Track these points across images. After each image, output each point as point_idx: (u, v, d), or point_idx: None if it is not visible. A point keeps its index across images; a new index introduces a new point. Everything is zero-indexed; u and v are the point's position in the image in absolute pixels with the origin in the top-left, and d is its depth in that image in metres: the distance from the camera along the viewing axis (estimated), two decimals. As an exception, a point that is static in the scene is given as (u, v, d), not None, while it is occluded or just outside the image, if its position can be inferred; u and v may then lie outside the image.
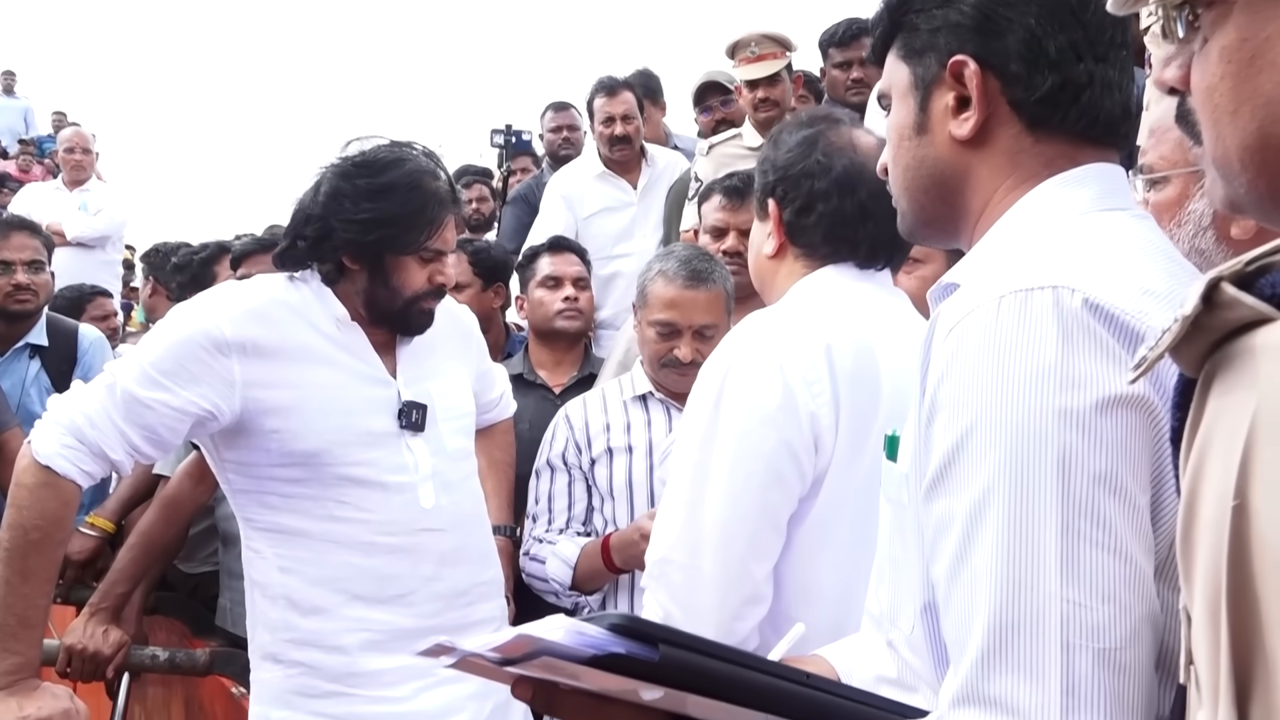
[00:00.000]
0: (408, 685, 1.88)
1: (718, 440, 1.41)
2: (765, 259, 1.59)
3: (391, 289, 1.92)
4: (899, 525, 1.02)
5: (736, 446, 1.40)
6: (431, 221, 1.90)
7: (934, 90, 1.04)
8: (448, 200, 1.94)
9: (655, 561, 1.44)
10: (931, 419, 0.89)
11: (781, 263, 1.57)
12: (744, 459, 1.40)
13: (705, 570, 1.40)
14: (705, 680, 0.83)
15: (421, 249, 1.91)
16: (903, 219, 1.12)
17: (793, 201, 1.54)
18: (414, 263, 1.92)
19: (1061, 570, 0.80)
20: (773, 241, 1.57)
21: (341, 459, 1.85)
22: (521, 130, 5.36)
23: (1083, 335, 0.84)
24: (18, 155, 12.67)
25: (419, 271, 1.93)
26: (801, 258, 1.56)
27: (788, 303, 1.53)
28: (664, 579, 1.43)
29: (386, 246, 1.90)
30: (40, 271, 3.33)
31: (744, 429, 1.41)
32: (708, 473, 1.41)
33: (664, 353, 2.35)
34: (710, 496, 1.40)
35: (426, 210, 1.90)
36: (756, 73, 3.80)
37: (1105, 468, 0.81)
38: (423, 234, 1.90)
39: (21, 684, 1.76)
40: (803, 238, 1.55)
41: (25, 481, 1.76)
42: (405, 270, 1.92)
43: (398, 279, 1.92)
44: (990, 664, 0.81)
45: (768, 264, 1.59)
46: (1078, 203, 0.98)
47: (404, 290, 1.92)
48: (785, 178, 1.55)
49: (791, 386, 1.41)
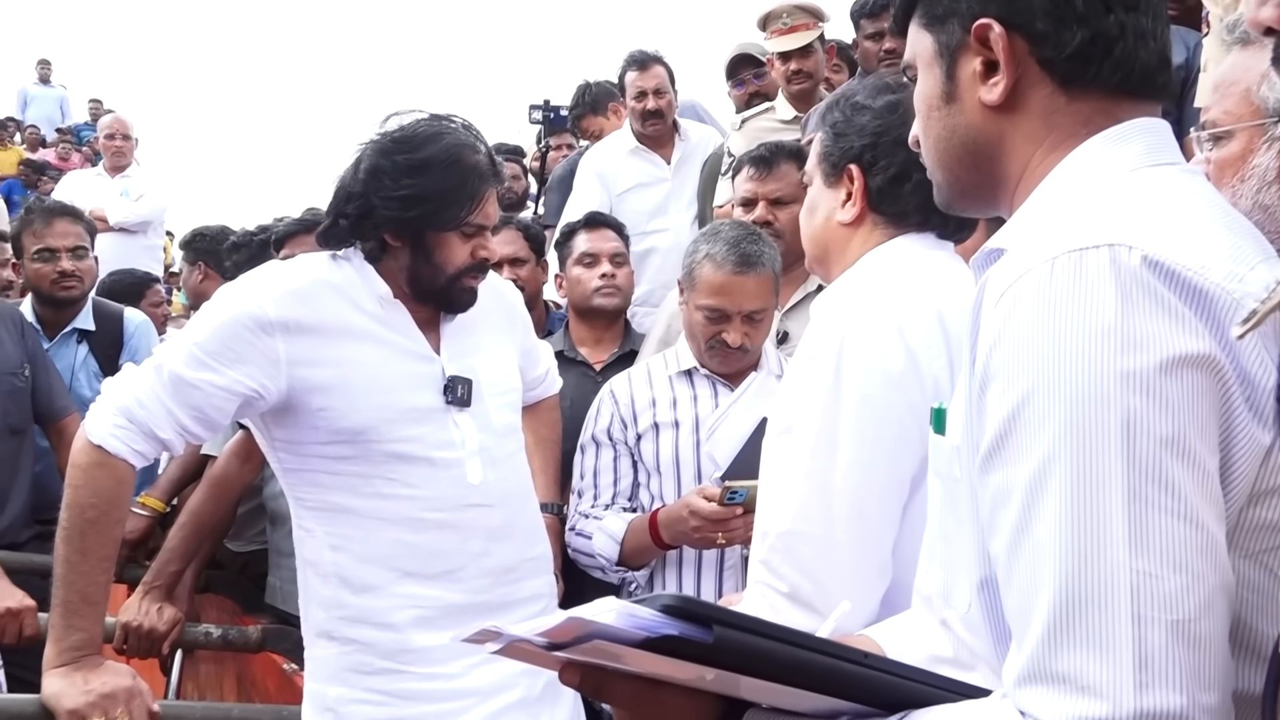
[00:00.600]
0: (459, 662, 1.89)
1: (842, 406, 1.36)
2: (838, 226, 1.53)
3: (434, 265, 1.92)
4: (950, 500, 0.99)
5: (863, 412, 1.36)
6: (472, 196, 1.89)
7: (959, 57, 1.01)
8: (488, 174, 1.93)
9: (780, 535, 1.38)
10: (984, 389, 0.86)
11: (857, 230, 1.52)
12: (871, 424, 1.36)
13: (841, 541, 1.35)
14: (761, 662, 0.81)
15: (463, 224, 1.91)
16: (939, 191, 1.09)
17: (886, 169, 1.49)
18: (456, 238, 1.91)
19: (1130, 539, 0.77)
20: (853, 209, 1.51)
21: (388, 436, 1.86)
22: (560, 106, 5.31)
23: (1142, 294, 0.80)
24: (57, 144, 12.83)
25: (461, 247, 1.92)
26: (882, 226, 1.51)
27: (885, 270, 1.47)
28: (790, 553, 1.37)
29: (428, 223, 1.89)
30: (84, 258, 3.36)
31: (869, 393, 1.36)
32: (834, 440, 1.36)
33: (712, 335, 2.33)
34: (840, 464, 1.35)
35: (467, 185, 1.89)
36: (789, 44, 3.76)
37: (1172, 431, 0.78)
38: (464, 209, 1.89)
39: (85, 660, 1.79)
40: (893, 206, 1.50)
41: (80, 462, 1.79)
42: (447, 246, 1.91)
43: (440, 255, 1.91)
44: (1058, 639, 0.78)
45: (840, 231, 1.54)
46: (1125, 159, 0.94)
47: (447, 266, 1.92)
48: (877, 144, 1.50)
49: (914, 349, 1.37)
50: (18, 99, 14.29)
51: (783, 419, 1.44)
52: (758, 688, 0.85)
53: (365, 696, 1.88)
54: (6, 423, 2.80)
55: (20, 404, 2.86)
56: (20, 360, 2.87)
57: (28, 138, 13.03)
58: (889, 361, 1.36)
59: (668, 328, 2.98)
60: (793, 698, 0.86)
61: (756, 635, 0.80)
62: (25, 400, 2.88)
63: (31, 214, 3.47)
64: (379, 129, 1.93)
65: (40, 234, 3.31)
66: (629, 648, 0.79)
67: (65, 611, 1.78)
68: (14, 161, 11.92)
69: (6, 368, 2.82)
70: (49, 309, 3.36)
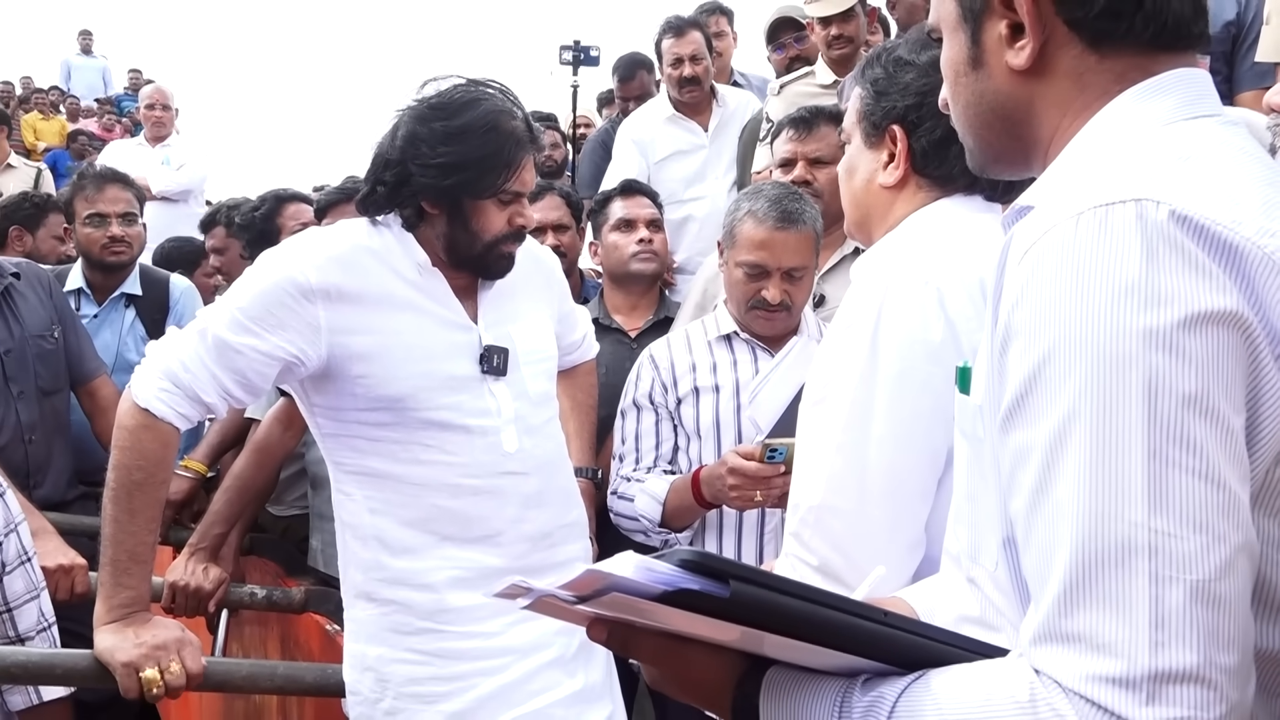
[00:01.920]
0: (497, 620, 1.91)
1: (878, 378, 1.33)
2: (880, 189, 1.49)
3: (471, 233, 1.92)
4: (976, 460, 0.98)
5: (900, 384, 1.33)
6: (509, 163, 1.89)
7: (984, 21, 0.98)
8: (525, 140, 1.92)
9: (811, 508, 1.36)
10: (1006, 346, 0.85)
11: (900, 192, 1.48)
12: (908, 397, 1.32)
13: (873, 516, 1.33)
14: (779, 618, 0.80)
15: (500, 192, 1.90)
16: (971, 156, 1.07)
17: (930, 131, 1.44)
18: (493, 206, 1.91)
19: (1149, 498, 0.76)
20: (897, 171, 1.47)
21: (426, 403, 1.88)
22: (590, 46, 5.22)
23: (1169, 250, 0.78)
24: (99, 114, 12.96)
25: (499, 214, 1.92)
26: (925, 188, 1.47)
27: (926, 233, 1.44)
28: (821, 525, 1.35)
29: (465, 190, 1.89)
30: (133, 224, 3.41)
31: (907, 365, 1.33)
32: (870, 412, 1.33)
33: (752, 294, 2.33)
34: (875, 437, 1.33)
35: (504, 152, 1.88)
36: (830, 8, 3.72)
37: (1195, 389, 0.77)
38: (500, 176, 1.89)
39: (135, 615, 1.84)
40: (939, 168, 1.45)
41: (126, 424, 1.83)
42: (484, 214, 1.91)
43: (477, 222, 1.91)
44: (1074, 599, 0.77)
45: (883, 194, 1.49)
46: (1159, 113, 0.91)
47: (484, 234, 1.92)
48: (922, 104, 1.44)
49: (953, 319, 1.33)
50: (61, 69, 14.45)
51: (818, 388, 1.42)
52: (780, 645, 0.85)
53: (405, 656, 1.91)
54: (38, 385, 2.83)
55: (51, 366, 2.89)
56: (49, 322, 2.90)
57: (69, 108, 13.17)
58: (929, 332, 1.33)
59: (704, 293, 2.97)
60: (815, 655, 0.86)
61: (773, 591, 0.80)
62: (57, 362, 2.91)
63: (84, 179, 3.51)
64: (416, 96, 1.93)
65: (92, 199, 3.36)
66: (652, 603, 0.79)
67: (114, 570, 1.82)
68: (57, 131, 12.06)
69: (35, 330, 2.86)
70: (98, 274, 3.41)
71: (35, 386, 2.83)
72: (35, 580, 1.99)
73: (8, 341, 2.79)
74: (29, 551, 2.03)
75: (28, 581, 1.95)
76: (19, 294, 2.87)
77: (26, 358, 2.82)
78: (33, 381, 2.82)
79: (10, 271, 2.89)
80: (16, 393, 2.77)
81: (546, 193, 3.19)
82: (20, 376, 2.79)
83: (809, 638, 0.83)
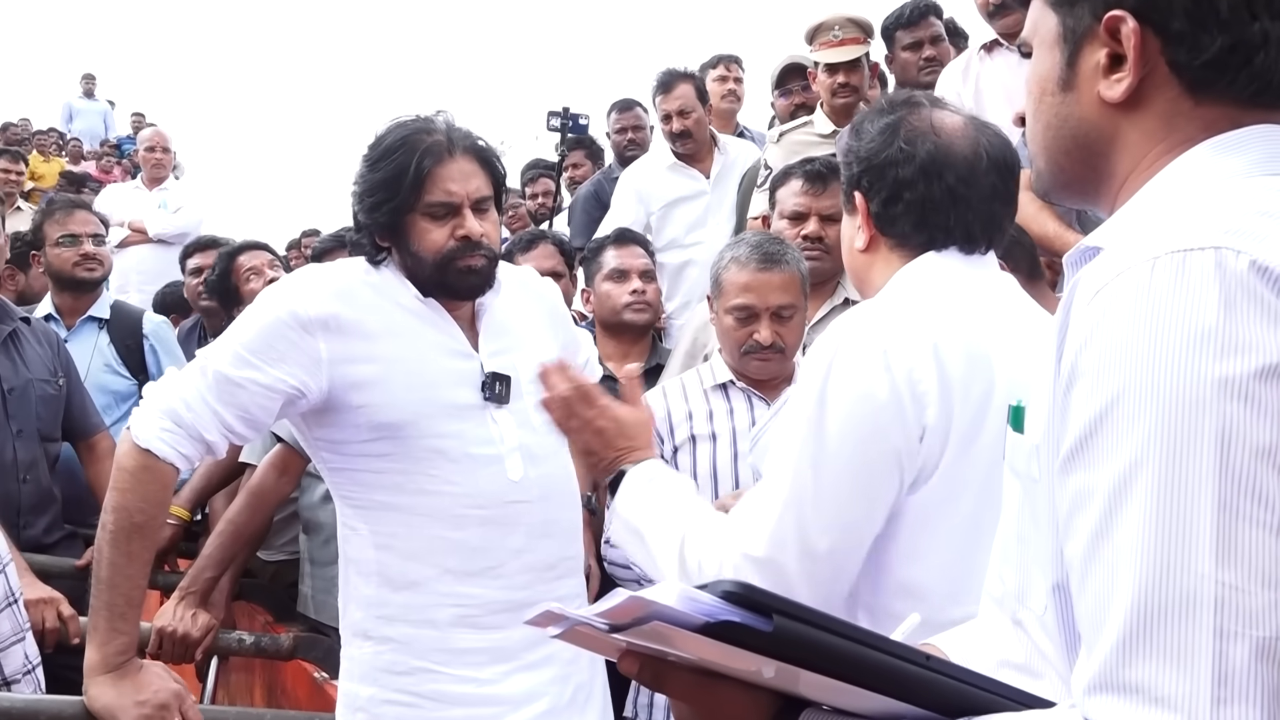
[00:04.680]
0: (494, 668, 1.89)
1: (823, 436, 1.36)
2: (858, 254, 1.55)
3: (415, 255, 1.90)
4: (1029, 500, 0.95)
5: (842, 444, 1.35)
6: (420, 175, 1.86)
7: (1085, 45, 0.94)
8: (440, 150, 1.87)
9: (757, 560, 1.36)
10: (1070, 386, 0.82)
11: (875, 256, 1.53)
12: (851, 457, 1.35)
13: (817, 573, 1.35)
14: (820, 655, 0.79)
15: (422, 206, 1.88)
16: (1039, 178, 1.04)
17: (879, 192, 1.50)
18: (424, 222, 1.88)
19: (1217, 550, 0.73)
20: (863, 235, 1.53)
21: (428, 431, 1.87)
22: (579, 114, 5.28)
23: (1248, 300, 0.76)
24: (99, 156, 13.03)
25: (435, 231, 1.88)
26: (896, 248, 1.50)
27: (891, 294, 1.47)
28: (763, 579, 1.34)
29: (389, 212, 1.88)
30: (102, 244, 3.53)
31: (850, 426, 1.35)
32: (812, 470, 1.35)
33: (744, 339, 2.34)
34: (818, 494, 1.35)
35: (412, 166, 1.85)
36: (839, 56, 3.74)
37: (1270, 441, 0.74)
38: (414, 190, 1.86)
39: (128, 665, 1.81)
40: (893, 228, 1.50)
41: (126, 465, 1.80)
42: (420, 232, 1.88)
43: (416, 243, 1.89)
44: (1133, 648, 0.74)
45: (861, 258, 1.55)
46: (1236, 166, 0.89)
47: (426, 253, 1.89)
48: (870, 168, 1.50)
49: (897, 383, 1.35)
50: (63, 112, 14.56)
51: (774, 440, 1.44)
52: (817, 684, 0.83)
53: (396, 697, 1.88)
54: (38, 427, 2.84)
55: (52, 411, 2.91)
56: (54, 370, 2.95)
57: (70, 150, 13.24)
58: (872, 393, 1.35)
59: (693, 341, 2.99)
60: (852, 697, 0.84)
61: (817, 628, 0.78)
62: (59, 409, 2.94)
63: (53, 206, 3.68)
64: None
65: (63, 222, 3.48)
66: (688, 634, 0.78)
67: (110, 615, 1.80)
68: (57, 173, 12.12)
69: (40, 374, 2.89)
70: (68, 297, 3.49)
71: (35, 428, 2.83)
72: (21, 622, 1.96)
73: (12, 379, 2.80)
74: (16, 593, 2.01)
75: (14, 623, 1.93)
76: (25, 338, 2.91)
77: (29, 398, 2.83)
78: (33, 423, 2.83)
79: (20, 317, 2.95)
80: (16, 430, 2.77)
81: (540, 241, 3.22)
82: (21, 415, 2.79)
83: (850, 678, 0.81)
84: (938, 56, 3.85)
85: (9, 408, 2.76)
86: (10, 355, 2.83)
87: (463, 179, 1.89)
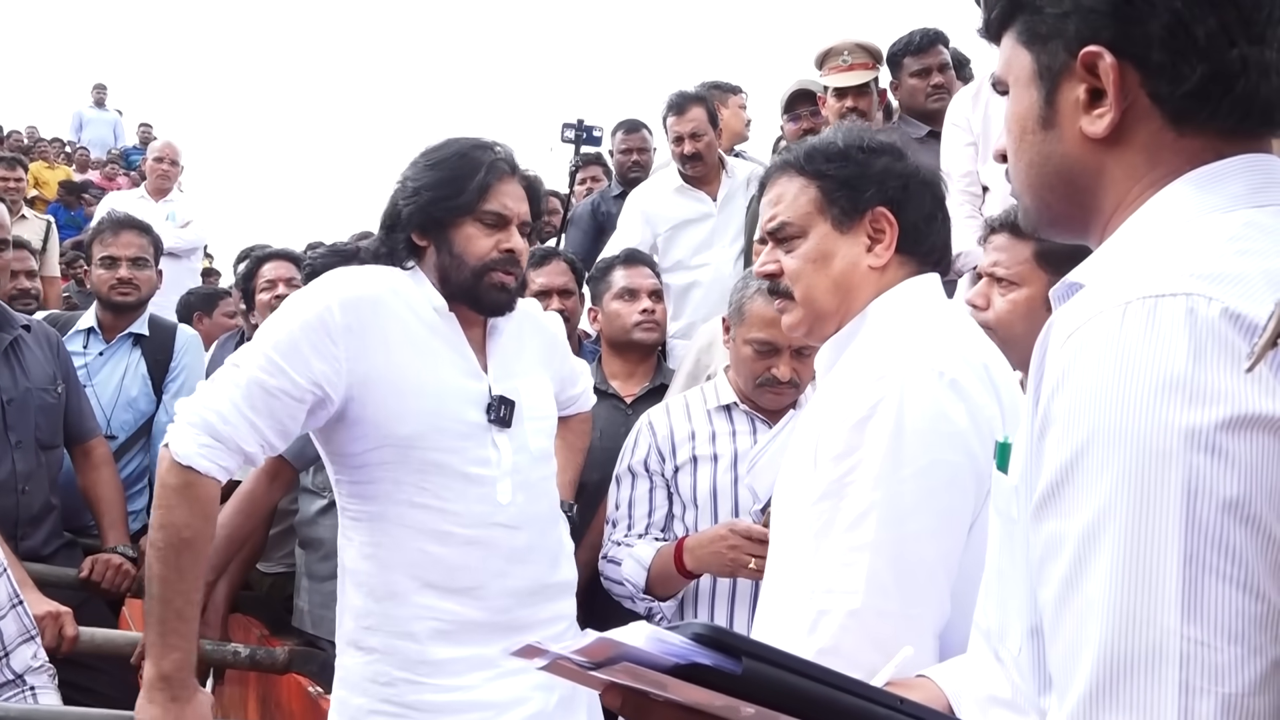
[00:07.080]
0: (475, 675, 1.90)
1: (905, 472, 1.31)
2: (867, 270, 1.50)
3: (457, 257, 1.95)
4: (1008, 539, 0.95)
5: (927, 476, 1.31)
6: (484, 184, 1.94)
7: (1062, 81, 0.92)
8: (503, 167, 1.97)
9: (852, 613, 1.30)
10: (1044, 433, 0.82)
11: (883, 274, 1.50)
12: (939, 489, 1.31)
13: (917, 615, 1.30)
14: (791, 699, 0.79)
15: (478, 212, 1.95)
16: (1025, 215, 1.03)
17: (918, 210, 1.49)
18: (473, 228, 1.95)
19: (1183, 605, 0.73)
20: (885, 252, 1.49)
21: (433, 445, 1.89)
22: (593, 126, 5.29)
23: (1218, 348, 0.75)
24: (104, 165, 13.07)
25: (483, 239, 1.95)
26: (901, 267, 1.50)
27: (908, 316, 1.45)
28: (866, 630, 1.30)
29: (441, 209, 1.95)
30: (145, 268, 3.50)
31: (934, 458, 1.31)
32: (901, 510, 1.30)
33: (761, 371, 2.33)
34: (911, 534, 1.31)
35: (476, 172, 1.94)
36: (848, 81, 3.76)
37: (1237, 493, 0.73)
38: (475, 195, 1.94)
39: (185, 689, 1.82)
40: (919, 247, 1.49)
41: (170, 483, 1.80)
42: (466, 236, 1.95)
43: (460, 245, 1.95)
44: (1099, 701, 0.74)
45: (868, 275, 1.50)
46: (1217, 201, 0.88)
47: (469, 257, 1.95)
48: (906, 185, 1.49)
49: (973, 406, 1.34)
50: (73, 121, 14.61)
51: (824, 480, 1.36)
52: None
53: (382, 708, 1.89)
54: (37, 437, 2.85)
55: (51, 420, 2.92)
56: (53, 378, 2.95)
57: (78, 159, 13.28)
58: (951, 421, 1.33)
59: (696, 362, 3.01)
60: None
61: (787, 671, 0.78)
62: (58, 417, 2.95)
63: (103, 225, 3.68)
64: None
65: (106, 243, 3.48)
66: (664, 674, 0.78)
67: (162, 630, 1.80)
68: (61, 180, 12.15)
69: (40, 383, 2.89)
70: (109, 314, 3.51)
71: (34, 438, 2.83)
72: (28, 624, 1.98)
73: (11, 390, 2.80)
74: (19, 595, 2.02)
75: (20, 625, 1.95)
76: (26, 346, 2.91)
77: (29, 408, 2.83)
78: (32, 433, 2.83)
79: (21, 324, 2.95)
80: (15, 441, 2.77)
81: (553, 258, 3.24)
82: (20, 426, 2.79)
83: None
84: (945, 84, 3.86)
85: (8, 419, 2.77)
86: (10, 365, 2.83)
87: (517, 199, 2.00)
